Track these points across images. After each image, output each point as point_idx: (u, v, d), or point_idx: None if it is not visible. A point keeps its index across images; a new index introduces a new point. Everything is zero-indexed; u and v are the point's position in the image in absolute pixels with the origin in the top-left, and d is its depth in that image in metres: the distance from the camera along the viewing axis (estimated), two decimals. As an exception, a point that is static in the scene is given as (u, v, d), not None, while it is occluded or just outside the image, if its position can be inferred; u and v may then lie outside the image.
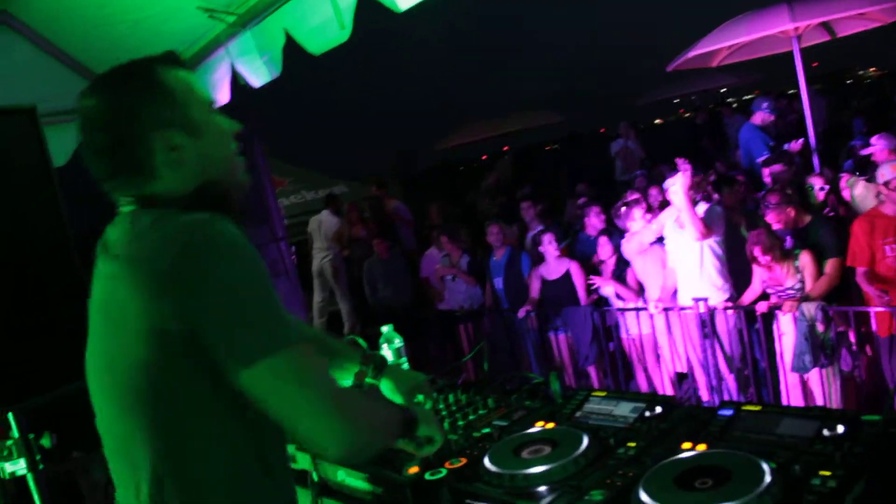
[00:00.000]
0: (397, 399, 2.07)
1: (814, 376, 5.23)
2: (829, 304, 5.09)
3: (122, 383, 1.48)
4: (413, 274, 8.57)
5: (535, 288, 6.78)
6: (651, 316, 6.03)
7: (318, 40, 3.51)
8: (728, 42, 8.40)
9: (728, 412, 1.80)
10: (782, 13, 7.64)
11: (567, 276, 6.58)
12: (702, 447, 1.69)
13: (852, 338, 5.24)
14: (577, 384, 6.59)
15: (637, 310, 6.19)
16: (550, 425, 2.02)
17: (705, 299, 5.57)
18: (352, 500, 2.17)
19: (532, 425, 2.05)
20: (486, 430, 2.11)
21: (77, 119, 1.53)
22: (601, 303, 6.62)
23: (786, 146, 7.48)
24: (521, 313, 6.72)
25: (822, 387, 5.19)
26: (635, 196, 6.67)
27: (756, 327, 5.59)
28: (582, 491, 1.62)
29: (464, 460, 1.93)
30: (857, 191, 5.93)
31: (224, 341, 1.38)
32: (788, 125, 9.26)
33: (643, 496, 1.49)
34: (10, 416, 2.82)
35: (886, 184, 5.02)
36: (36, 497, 3.00)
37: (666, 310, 5.84)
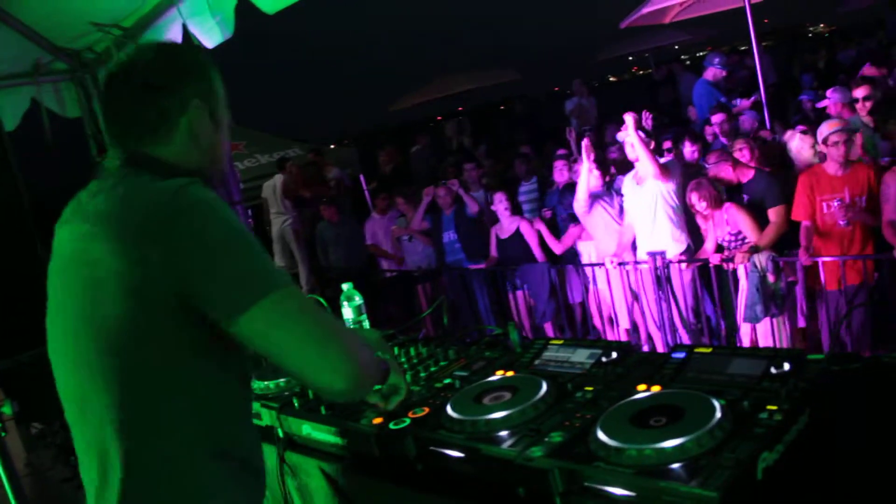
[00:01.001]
0: None
1: (763, 327, 5.39)
2: (780, 255, 5.23)
3: (95, 344, 1.48)
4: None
5: (493, 246, 6.86)
6: (606, 271, 6.14)
7: (271, -2, 3.46)
8: (680, -3, 8.45)
9: (681, 355, 1.87)
10: (734, -33, 7.70)
11: (518, 233, 6.67)
12: (656, 388, 1.75)
13: (800, 291, 5.42)
14: (535, 340, 6.69)
15: (593, 265, 6.29)
16: (510, 373, 2.06)
17: (662, 253, 5.67)
18: (317, 453, 2.20)
19: (492, 374, 2.09)
20: (447, 381, 2.15)
21: (121, 65, 1.60)
22: (557, 260, 6.72)
23: (736, 101, 7.59)
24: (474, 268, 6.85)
25: (773, 337, 5.36)
26: (562, 151, 6.83)
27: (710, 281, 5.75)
28: (541, 433, 1.67)
29: (426, 409, 1.97)
30: (794, 143, 6.06)
31: (219, 292, 1.41)
32: (739, 81, 9.37)
33: (601, 435, 1.55)
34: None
35: (825, 140, 5.15)
36: (-1, 465, 3.00)
37: (621, 264, 5.94)
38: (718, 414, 1.51)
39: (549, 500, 1.55)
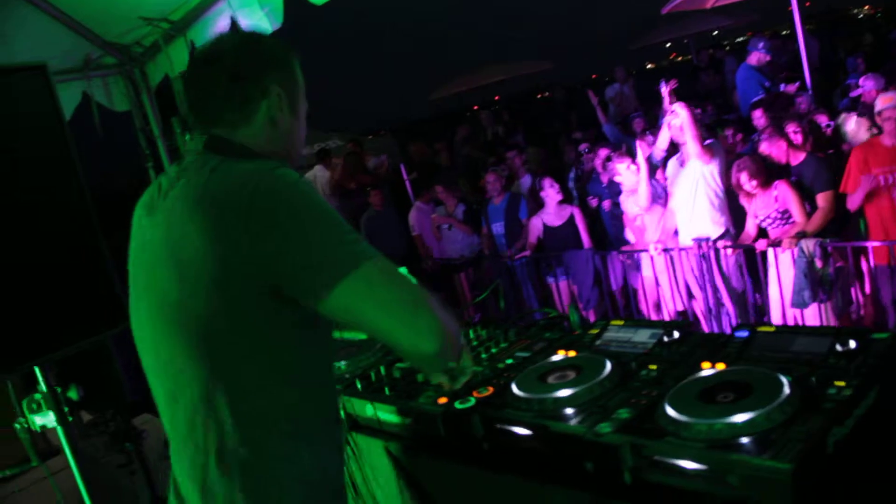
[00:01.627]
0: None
1: (811, 312, 5.34)
2: (827, 240, 5.18)
3: (183, 329, 1.52)
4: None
5: (534, 233, 6.85)
6: (652, 258, 6.12)
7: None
8: (723, -19, 8.34)
9: (744, 333, 1.89)
10: (777, -50, 7.60)
11: (571, 220, 6.65)
12: (721, 366, 1.77)
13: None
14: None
15: (638, 252, 6.27)
16: (572, 353, 2.10)
17: (706, 238, 5.65)
18: (382, 433, 2.25)
19: (554, 355, 2.13)
20: (510, 361, 2.19)
21: (206, 52, 1.68)
22: (602, 247, 6.70)
23: (781, 86, 7.50)
24: (518, 257, 6.82)
25: (821, 322, 5.31)
26: (607, 152, 6.80)
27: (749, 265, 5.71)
28: (609, 410, 1.71)
29: (491, 389, 2.01)
30: (849, 126, 5.98)
31: (309, 267, 1.44)
32: (782, 66, 9.23)
33: (669, 410, 1.58)
34: (37, 369, 2.86)
35: (879, 113, 5.10)
36: (66, 448, 3.07)
37: (666, 250, 5.92)
38: (787, 389, 1.53)
39: (619, 474, 1.59)
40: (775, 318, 5.54)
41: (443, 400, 2.03)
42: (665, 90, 6.09)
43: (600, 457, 1.63)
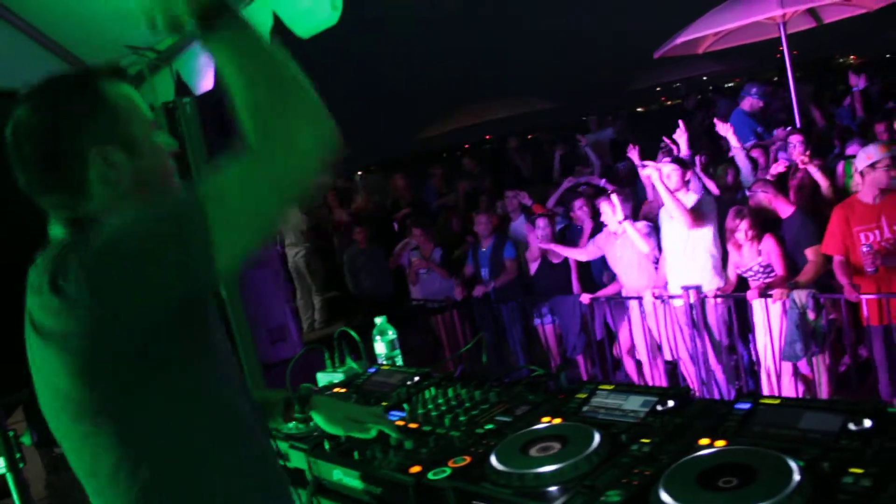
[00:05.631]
0: (335, 430, 2.04)
1: (802, 364, 5.21)
2: (820, 292, 5.06)
3: (59, 416, 1.43)
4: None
5: (533, 266, 6.71)
6: (640, 305, 5.98)
7: (307, 23, 3.38)
8: (716, 28, 8.37)
9: (746, 405, 1.73)
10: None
11: (565, 262, 6.53)
12: (721, 443, 1.61)
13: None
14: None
15: (627, 299, 6.13)
16: (557, 421, 1.93)
17: (696, 288, 5.52)
18: (349, 500, 2.08)
19: (538, 421, 1.96)
20: (490, 426, 2.03)
21: (8, 130, 1.43)
22: (590, 290, 6.57)
23: (774, 132, 7.45)
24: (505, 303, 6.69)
25: (814, 376, 5.18)
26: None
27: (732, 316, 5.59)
28: (597, 491, 1.54)
29: (468, 458, 1.85)
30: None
31: (174, 290, 1.31)
32: (773, 112, 9.22)
33: (665, 497, 1.41)
34: (-10, 413, 2.74)
35: (861, 172, 5.00)
36: (15, 496, 2.92)
37: (657, 298, 5.79)
38: (797, 476, 1.37)
39: (607, 567, 1.42)
40: (764, 371, 5.41)
41: (415, 469, 1.86)
42: (633, 154, 5.95)
43: (586, 545, 1.46)
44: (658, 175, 5.43)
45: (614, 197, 5.85)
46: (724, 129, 6.18)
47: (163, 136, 1.55)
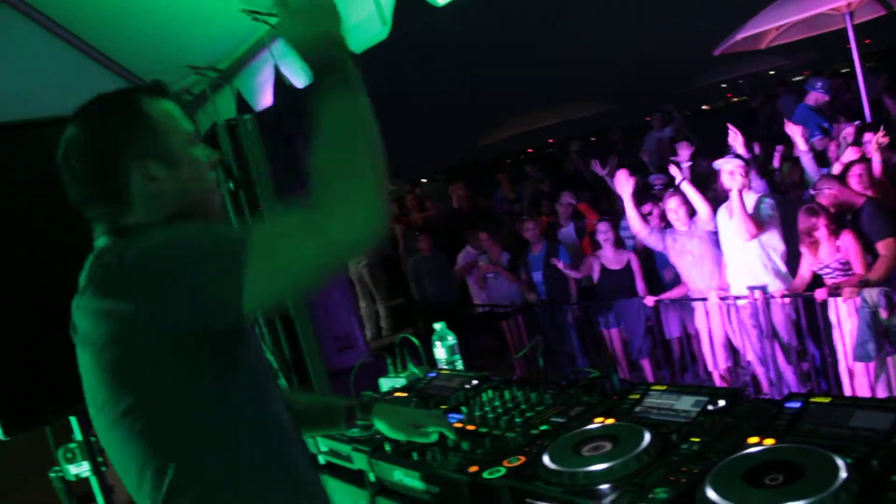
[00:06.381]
0: (396, 435, 2.09)
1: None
2: (893, 289, 4.94)
3: (98, 420, 1.51)
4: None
5: (595, 271, 6.72)
6: (705, 306, 5.91)
7: (359, 37, 3.48)
8: (778, 22, 8.18)
9: (796, 404, 1.73)
10: (834, -12, 7.43)
11: (628, 266, 6.50)
12: (769, 442, 1.62)
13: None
14: (630, 377, 6.52)
15: (692, 300, 6.07)
16: (610, 421, 1.97)
17: (761, 288, 5.43)
18: (409, 499, 2.15)
19: (591, 421, 2.00)
20: (544, 427, 2.07)
21: (60, 149, 1.54)
22: (655, 292, 6.52)
23: (841, 126, 7.26)
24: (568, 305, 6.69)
25: (890, 378, 5.04)
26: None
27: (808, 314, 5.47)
28: (645, 489, 1.58)
29: (522, 458, 1.90)
30: None
31: (202, 292, 1.35)
32: (842, 105, 8.98)
33: (711, 494, 1.44)
34: (73, 419, 2.85)
35: None
36: (99, 498, 3.05)
37: (722, 299, 5.72)
38: (844, 473, 1.38)
39: (655, 562, 1.46)
40: (846, 372, 5.27)
41: (472, 469, 1.92)
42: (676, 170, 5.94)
43: (635, 541, 1.49)
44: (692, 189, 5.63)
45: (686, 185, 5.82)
46: (793, 131, 6.07)
47: (202, 149, 1.63)
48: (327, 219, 1.30)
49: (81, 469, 2.99)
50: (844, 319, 5.15)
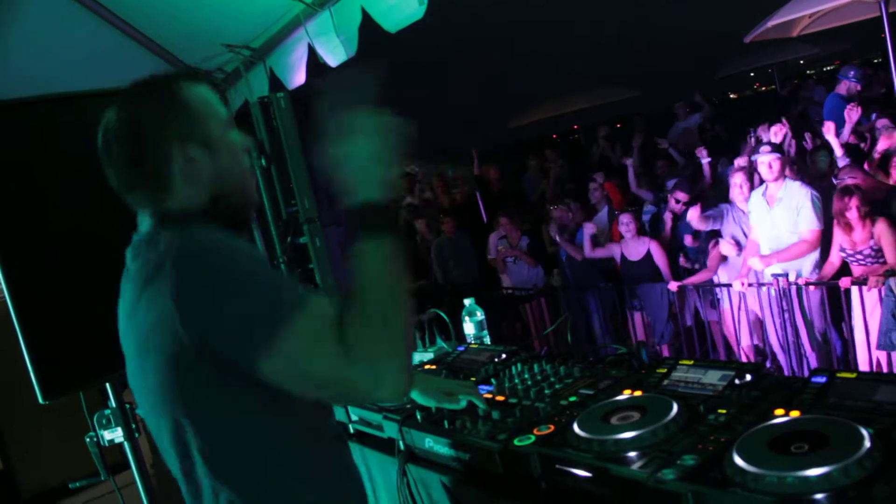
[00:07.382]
0: (427, 402, 2.20)
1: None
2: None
3: (151, 407, 1.57)
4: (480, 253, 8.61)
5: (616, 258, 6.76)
6: (728, 292, 5.93)
7: (394, 17, 3.52)
8: (810, 10, 8.07)
9: (821, 379, 1.78)
10: (869, -25, 7.33)
11: (648, 255, 6.52)
12: (795, 413, 1.67)
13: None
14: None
15: (717, 286, 6.08)
16: (638, 393, 2.02)
17: (784, 275, 5.44)
18: (439, 467, 2.21)
19: (619, 394, 2.05)
20: (573, 399, 2.13)
21: (98, 133, 1.58)
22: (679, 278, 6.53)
23: (873, 117, 7.21)
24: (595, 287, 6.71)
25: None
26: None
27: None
28: (674, 456, 1.63)
29: (552, 427, 1.95)
30: None
31: (230, 341, 1.40)
32: (875, 96, 8.88)
33: (738, 459, 1.49)
34: (108, 385, 2.92)
35: None
36: (133, 464, 3.12)
37: (750, 285, 5.72)
38: (868, 443, 1.42)
39: (682, 524, 1.51)
40: (861, 360, 5.29)
41: (503, 436, 1.98)
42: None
43: (662, 504, 1.54)
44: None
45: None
46: (828, 130, 6.05)
47: (237, 134, 1.68)
48: (358, 379, 1.37)
49: (116, 434, 3.06)
50: (869, 308, 5.14)
